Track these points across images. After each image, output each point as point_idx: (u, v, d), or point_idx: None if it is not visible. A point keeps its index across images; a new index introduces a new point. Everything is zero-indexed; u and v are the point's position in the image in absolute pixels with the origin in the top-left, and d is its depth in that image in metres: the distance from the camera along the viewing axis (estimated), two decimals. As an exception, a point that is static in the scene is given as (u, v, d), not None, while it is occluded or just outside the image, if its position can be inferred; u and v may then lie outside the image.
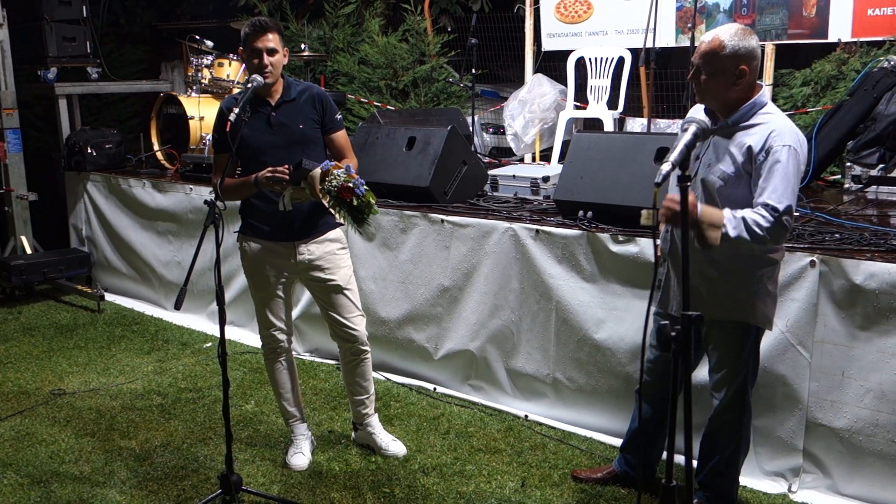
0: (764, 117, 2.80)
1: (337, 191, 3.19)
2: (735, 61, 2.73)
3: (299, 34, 8.31)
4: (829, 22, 6.03)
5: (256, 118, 3.44)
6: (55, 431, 4.07)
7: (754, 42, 2.78)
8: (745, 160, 2.75)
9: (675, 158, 1.84)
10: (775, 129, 2.74)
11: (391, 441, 3.83)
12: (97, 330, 5.66)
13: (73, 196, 6.74)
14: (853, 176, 5.13)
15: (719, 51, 2.74)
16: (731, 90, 2.77)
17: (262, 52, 3.35)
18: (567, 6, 7.38)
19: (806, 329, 3.41)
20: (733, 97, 2.80)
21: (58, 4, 6.89)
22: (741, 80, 2.75)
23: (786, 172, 2.66)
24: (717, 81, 2.77)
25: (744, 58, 2.74)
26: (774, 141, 2.71)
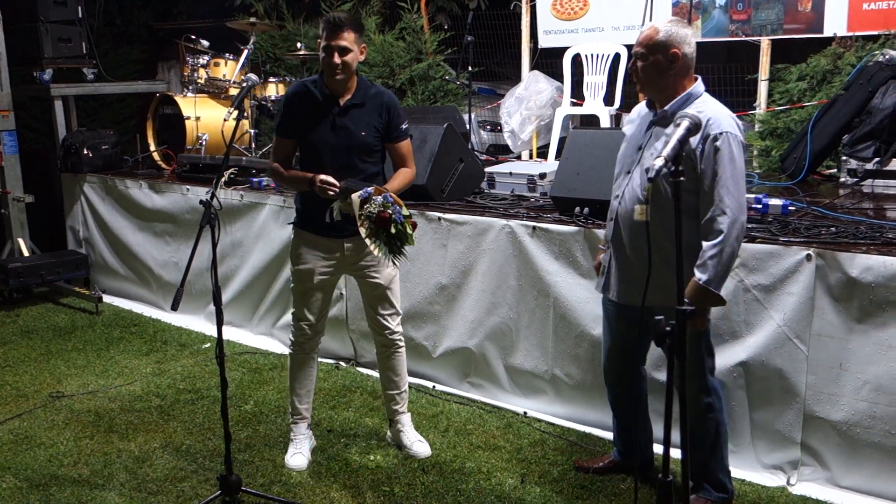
0: (700, 106, 2.90)
1: (374, 217, 3.22)
2: (668, 45, 2.87)
3: (296, 33, 8.30)
4: (825, 16, 6.04)
5: (322, 115, 3.45)
6: (54, 434, 4.07)
7: (689, 31, 2.94)
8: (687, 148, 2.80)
9: (669, 154, 1.84)
10: (711, 116, 2.85)
11: (416, 441, 3.82)
12: (95, 332, 5.65)
13: (69, 198, 6.73)
14: (849, 170, 5.13)
15: (654, 35, 2.91)
16: (665, 75, 2.91)
17: (335, 50, 3.33)
18: (563, 3, 7.38)
19: (803, 322, 3.42)
20: (669, 84, 2.93)
21: (53, 5, 6.89)
22: (674, 65, 2.88)
23: (729, 167, 2.79)
24: (652, 66, 2.91)
25: (677, 43, 2.87)
26: (712, 129, 2.83)
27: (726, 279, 2.90)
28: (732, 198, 2.80)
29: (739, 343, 3.59)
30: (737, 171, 2.82)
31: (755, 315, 3.54)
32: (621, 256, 3.14)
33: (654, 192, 2.87)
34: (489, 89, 8.90)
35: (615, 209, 3.13)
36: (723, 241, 2.79)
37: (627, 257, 3.10)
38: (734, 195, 2.81)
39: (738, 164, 2.83)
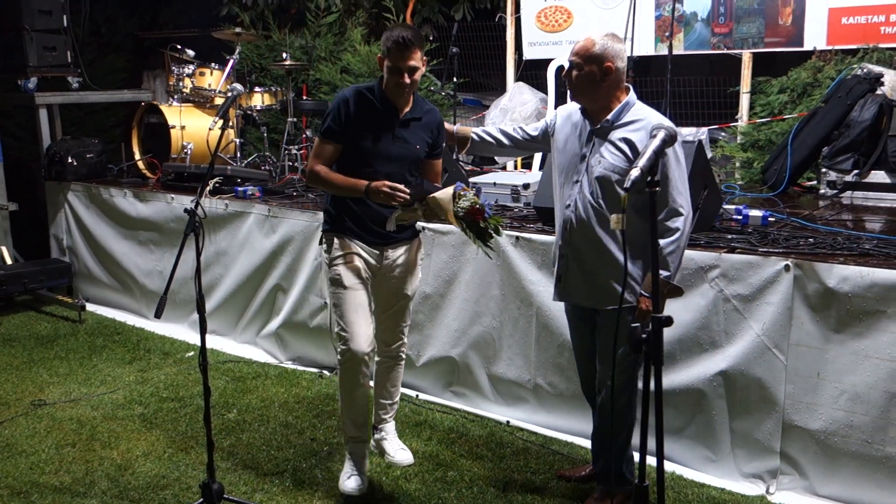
0: (639, 113, 3.08)
1: (465, 212, 3.18)
2: (603, 58, 3.01)
3: (281, 43, 8.33)
4: (805, 30, 6.12)
5: (382, 125, 3.35)
6: (35, 442, 4.05)
7: (622, 47, 3.09)
8: (632, 152, 3.00)
9: (644, 164, 1.89)
10: (655, 123, 2.96)
11: (399, 449, 3.77)
12: (78, 340, 5.63)
13: (53, 206, 6.71)
14: (829, 181, 5.21)
15: (591, 47, 3.03)
16: (598, 87, 3.04)
17: (405, 71, 3.21)
18: (548, 15, 7.45)
19: (781, 332, 3.46)
20: (601, 95, 3.07)
21: (38, 14, 6.87)
22: (607, 78, 3.02)
23: (676, 169, 2.98)
24: (586, 77, 3.04)
25: (611, 56, 3.02)
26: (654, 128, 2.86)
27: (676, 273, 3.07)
28: (683, 198, 3.00)
29: (719, 352, 3.63)
30: (682, 171, 3.04)
31: (735, 325, 3.58)
32: (578, 263, 3.23)
33: (608, 201, 3.05)
34: (475, 100, 8.94)
35: (569, 218, 3.21)
36: (678, 238, 2.98)
37: (585, 264, 3.19)
38: (684, 195, 3.01)
39: (682, 165, 3.04)
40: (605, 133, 3.10)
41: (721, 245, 3.68)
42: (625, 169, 3.00)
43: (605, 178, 3.06)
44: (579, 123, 3.22)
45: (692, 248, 3.66)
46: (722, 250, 3.60)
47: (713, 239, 3.80)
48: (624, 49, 3.10)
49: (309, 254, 4.96)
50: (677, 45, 6.69)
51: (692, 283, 3.64)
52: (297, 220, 5.00)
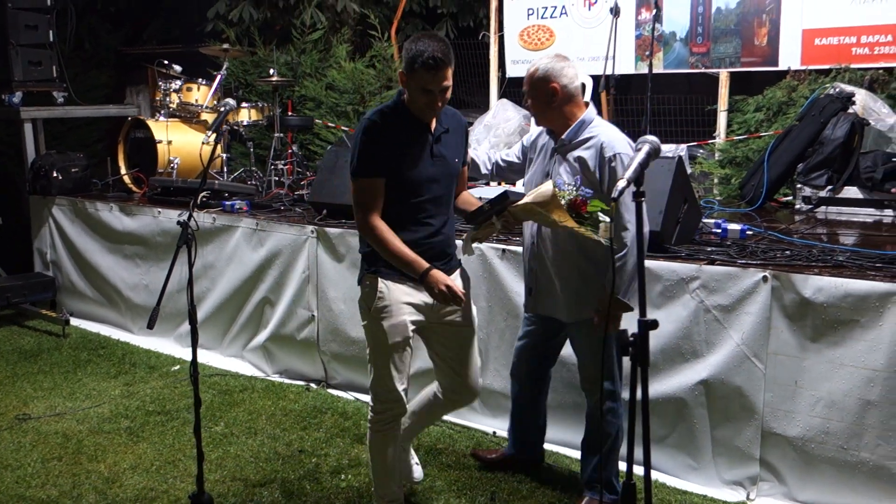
0: (593, 131, 3.22)
1: (569, 205, 2.95)
2: (547, 80, 3.18)
3: (267, 59, 8.40)
4: (780, 51, 6.29)
5: (418, 145, 3.03)
6: (21, 456, 4.06)
7: (564, 65, 3.21)
8: (584, 170, 3.18)
9: (631, 175, 1.98)
10: (604, 140, 3.17)
11: (415, 464, 3.73)
12: (62, 354, 5.63)
13: (37, 220, 6.71)
14: (804, 197, 5.34)
15: (535, 74, 3.22)
16: (550, 107, 3.21)
17: (440, 92, 2.93)
18: (530, 34, 7.59)
19: (760, 342, 3.56)
20: (556, 114, 3.23)
21: (24, 29, 6.89)
22: (555, 98, 3.19)
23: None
24: (537, 102, 3.24)
25: (554, 77, 3.18)
26: (606, 152, 3.15)
27: (633, 287, 3.14)
28: (631, 213, 3.01)
29: (700, 362, 3.72)
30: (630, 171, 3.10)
31: (715, 334, 3.67)
32: (545, 276, 3.37)
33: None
34: (457, 117, 9.04)
35: (534, 232, 3.35)
36: (626, 253, 3.11)
37: (552, 276, 3.33)
38: (633, 210, 2.98)
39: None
40: (564, 151, 3.26)
41: (701, 257, 3.78)
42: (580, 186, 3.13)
43: None
44: (547, 142, 3.38)
45: (674, 259, 3.77)
46: (702, 262, 3.70)
47: (693, 251, 3.90)
48: (568, 66, 3.22)
49: (297, 267, 5.01)
50: (657, 63, 6.84)
51: (674, 294, 3.74)
52: (286, 233, 5.05)
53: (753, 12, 6.38)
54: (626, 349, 1.96)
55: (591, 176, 3.17)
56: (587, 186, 3.10)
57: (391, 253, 2.99)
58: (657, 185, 3.85)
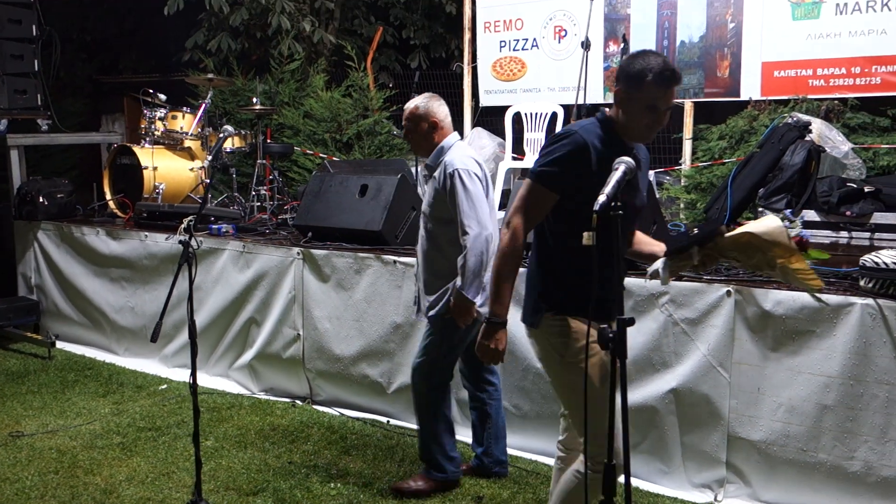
0: (449, 155, 3.70)
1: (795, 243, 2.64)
2: (428, 116, 3.74)
3: (246, 88, 8.62)
4: (741, 82, 6.65)
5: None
6: (18, 470, 4.16)
7: (439, 103, 3.80)
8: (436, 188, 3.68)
9: (609, 191, 2.21)
10: (447, 160, 3.66)
11: None
12: (49, 375, 5.72)
13: (22, 245, 6.81)
14: (765, 219, 5.63)
15: (416, 111, 3.76)
16: (429, 138, 3.76)
17: (662, 111, 2.69)
18: (503, 65, 7.89)
19: (725, 352, 3.81)
20: (432, 145, 3.76)
21: (10, 58, 7.05)
22: (435, 131, 3.75)
23: (463, 196, 3.57)
24: (416, 134, 3.78)
25: (433, 113, 3.74)
26: (446, 170, 3.63)
27: (480, 287, 3.59)
28: (470, 218, 3.56)
29: (670, 372, 3.96)
30: (471, 196, 3.58)
31: (683, 346, 3.92)
32: (421, 285, 3.84)
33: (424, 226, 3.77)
34: (431, 145, 9.29)
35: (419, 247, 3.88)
36: (466, 254, 3.55)
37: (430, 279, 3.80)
38: (471, 216, 3.56)
39: (471, 190, 3.58)
40: (427, 175, 3.81)
41: (669, 274, 4.03)
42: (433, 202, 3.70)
43: (425, 214, 3.79)
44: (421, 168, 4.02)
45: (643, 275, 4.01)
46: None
47: (662, 269, 4.15)
48: (442, 104, 3.81)
49: (283, 287, 5.19)
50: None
51: (644, 309, 3.98)
52: (272, 255, 5.24)
53: (715, 46, 6.74)
54: (606, 344, 2.18)
55: (440, 194, 3.65)
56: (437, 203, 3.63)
57: (498, 275, 2.79)
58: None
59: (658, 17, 7.03)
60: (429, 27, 10.60)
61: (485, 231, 3.56)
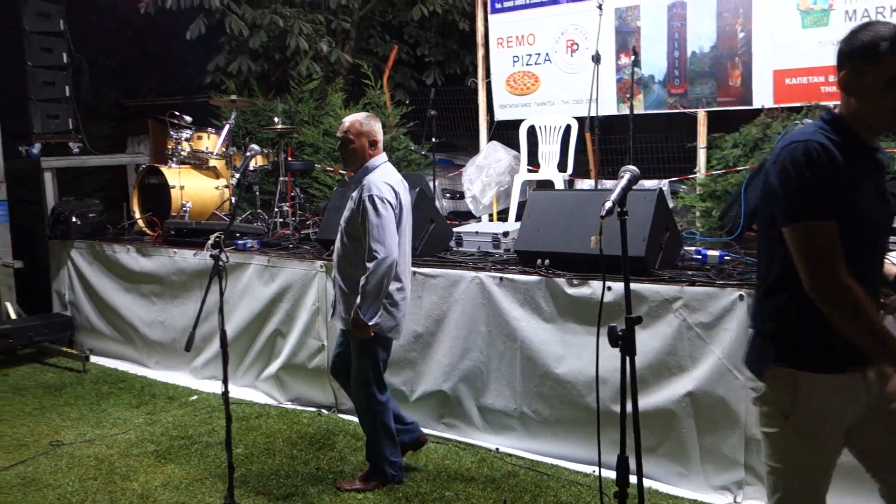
0: (368, 177, 3.92)
1: None
2: (370, 133, 3.96)
3: (266, 108, 8.83)
4: (753, 91, 6.73)
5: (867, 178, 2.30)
6: (59, 477, 4.35)
7: (377, 123, 4.03)
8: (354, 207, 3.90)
9: (615, 198, 2.35)
10: (367, 182, 3.88)
11: None
12: (84, 388, 5.93)
13: (56, 263, 7.05)
14: (778, 226, 5.71)
15: (360, 126, 3.96)
16: (362, 155, 3.95)
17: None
18: (517, 79, 8.03)
19: (739, 354, 3.90)
20: (365, 160, 3.95)
21: (43, 85, 7.33)
22: (372, 148, 3.96)
23: (375, 221, 3.78)
24: (357, 147, 3.94)
25: (375, 132, 3.99)
26: (363, 192, 3.85)
27: (378, 309, 3.86)
28: (377, 243, 3.78)
29: (686, 375, 4.07)
30: (382, 222, 3.79)
31: (698, 350, 4.03)
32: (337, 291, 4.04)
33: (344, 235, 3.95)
34: (447, 160, 9.49)
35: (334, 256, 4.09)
36: (368, 276, 3.78)
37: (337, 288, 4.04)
38: (379, 240, 3.78)
39: (383, 216, 3.79)
40: (351, 189, 4.00)
41: (683, 279, 4.15)
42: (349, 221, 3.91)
43: (341, 228, 4.00)
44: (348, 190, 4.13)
45: (657, 282, 4.14)
46: (684, 284, 4.07)
47: (676, 275, 4.28)
48: (379, 124, 4.04)
49: (307, 300, 5.35)
50: (637, 105, 7.28)
51: (658, 314, 4.10)
52: (296, 269, 5.41)
53: (726, 55, 6.83)
54: (615, 342, 2.31)
55: (355, 214, 3.87)
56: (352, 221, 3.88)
57: (867, 327, 2.17)
58: (640, 214, 4.25)
59: (668, 28, 7.14)
60: (443, 44, 10.80)
61: (389, 257, 3.80)
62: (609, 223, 2.40)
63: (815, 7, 6.47)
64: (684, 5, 7.02)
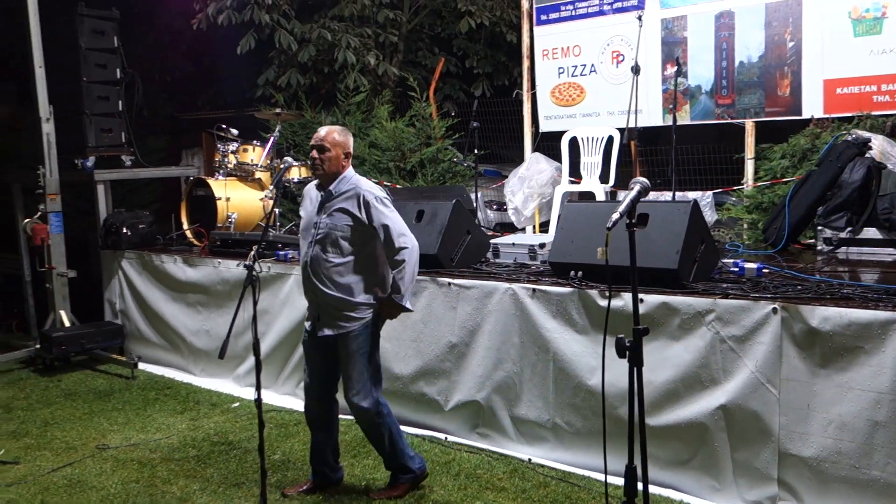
0: (353, 182, 4.02)
1: None
2: (345, 145, 4.03)
3: (314, 121, 8.99)
4: (803, 100, 6.62)
5: None
6: (103, 479, 4.50)
7: (350, 136, 4.11)
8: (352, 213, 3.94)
9: (623, 209, 2.36)
10: (362, 189, 3.97)
11: None
12: (132, 394, 6.12)
13: (108, 272, 7.29)
14: (825, 238, 5.61)
15: (336, 138, 4.00)
16: (337, 165, 3.99)
17: None
18: (562, 91, 8.04)
19: (773, 368, 3.85)
20: (340, 171, 4.01)
21: (97, 100, 7.61)
22: (346, 160, 4.04)
23: (391, 216, 3.95)
24: (333, 157, 3.97)
25: (348, 145, 4.06)
26: (368, 197, 3.95)
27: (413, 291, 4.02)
28: (403, 235, 3.93)
29: (719, 388, 4.02)
30: (396, 216, 3.98)
31: (731, 363, 3.97)
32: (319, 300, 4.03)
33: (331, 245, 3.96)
34: (495, 171, 9.52)
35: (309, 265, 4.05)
36: (404, 268, 3.91)
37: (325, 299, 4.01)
38: (403, 233, 3.95)
39: (394, 211, 4.00)
40: (329, 201, 4.01)
41: (716, 292, 4.10)
42: (351, 227, 3.94)
43: (333, 238, 3.97)
44: (314, 196, 4.11)
45: (690, 294, 4.10)
46: (716, 296, 4.03)
47: (710, 287, 4.23)
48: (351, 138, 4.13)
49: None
50: (684, 115, 7.22)
51: (691, 327, 4.06)
52: (335, 279, 5.49)
53: (775, 65, 6.74)
54: (622, 352, 2.31)
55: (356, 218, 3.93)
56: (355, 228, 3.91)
57: None
58: (673, 227, 4.22)
59: (716, 38, 7.08)
60: (491, 56, 10.84)
61: (416, 244, 3.99)
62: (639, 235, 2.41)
63: (867, 15, 6.34)
64: (732, 15, 6.95)
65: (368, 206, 3.94)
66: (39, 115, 6.95)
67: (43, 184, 6.94)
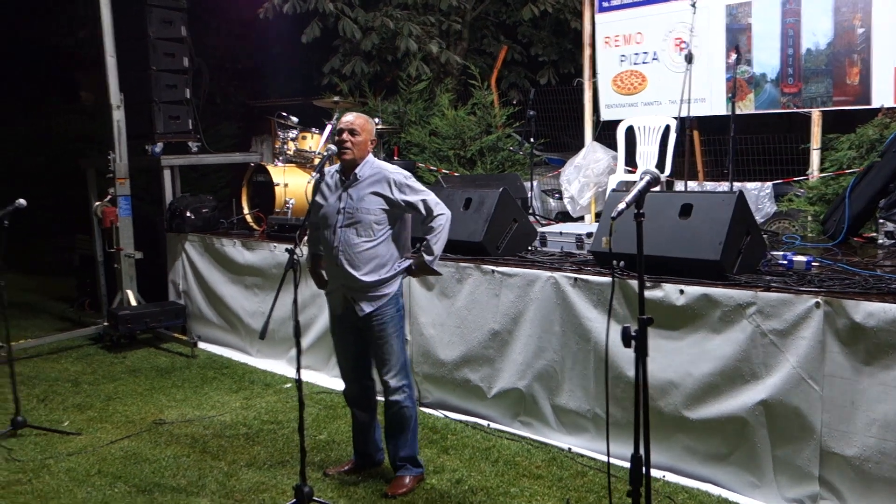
0: (377, 165, 4.11)
1: None
2: (372, 132, 4.13)
3: (375, 109, 9.12)
4: (872, 89, 6.39)
5: None
6: (157, 452, 4.72)
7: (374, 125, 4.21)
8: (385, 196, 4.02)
9: (631, 199, 2.36)
10: (389, 172, 4.07)
11: None
12: (191, 372, 6.37)
13: (172, 254, 7.58)
14: (886, 232, 5.43)
15: (366, 125, 4.11)
16: (364, 151, 4.09)
17: None
18: (623, 79, 7.94)
19: (815, 364, 3.77)
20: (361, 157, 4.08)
21: (165, 88, 7.89)
22: (372, 146, 4.14)
23: (423, 189, 4.10)
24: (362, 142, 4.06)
25: (374, 132, 4.17)
26: (398, 178, 4.05)
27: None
28: (438, 203, 4.06)
29: (760, 383, 3.95)
30: (426, 188, 4.11)
31: (772, 357, 3.90)
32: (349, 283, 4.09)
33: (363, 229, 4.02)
34: (559, 159, 9.46)
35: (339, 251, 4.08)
36: (440, 233, 4.06)
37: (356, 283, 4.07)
38: (438, 201, 4.08)
39: (420, 185, 4.10)
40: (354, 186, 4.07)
41: (758, 284, 4.03)
42: (384, 209, 4.03)
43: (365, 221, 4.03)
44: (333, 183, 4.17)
45: (731, 286, 4.04)
46: (758, 289, 3.95)
47: (753, 279, 4.15)
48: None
49: (393, 295, 5.52)
50: (748, 105, 7.06)
51: (732, 320, 4.00)
52: (384, 265, 5.59)
53: (844, 52, 6.52)
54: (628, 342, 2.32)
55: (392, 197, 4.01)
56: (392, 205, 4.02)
57: None
58: (717, 217, 4.16)
59: (782, 24, 6.88)
60: (556, 44, 10.76)
61: (450, 212, 4.12)
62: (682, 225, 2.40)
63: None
64: (799, 1, 6.74)
65: (401, 186, 4.05)
66: (111, 101, 7.24)
67: (113, 168, 7.24)
